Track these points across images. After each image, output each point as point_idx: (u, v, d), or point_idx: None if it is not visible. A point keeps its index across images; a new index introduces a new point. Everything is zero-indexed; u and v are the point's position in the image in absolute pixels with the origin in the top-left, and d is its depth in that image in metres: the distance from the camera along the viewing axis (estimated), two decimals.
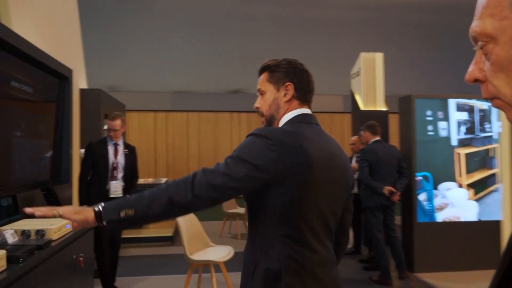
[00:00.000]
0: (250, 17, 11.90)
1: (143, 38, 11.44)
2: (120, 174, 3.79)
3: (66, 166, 4.13)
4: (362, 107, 5.86)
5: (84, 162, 3.84)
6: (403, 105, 4.78)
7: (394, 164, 4.21)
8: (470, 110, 4.75)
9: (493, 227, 4.40)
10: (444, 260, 4.68)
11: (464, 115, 4.73)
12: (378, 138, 4.28)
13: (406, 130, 4.71)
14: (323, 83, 12.56)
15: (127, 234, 5.70)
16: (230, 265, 3.76)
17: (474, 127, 4.77)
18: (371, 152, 4.17)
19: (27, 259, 1.91)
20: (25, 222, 2.55)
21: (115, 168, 3.76)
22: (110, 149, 3.79)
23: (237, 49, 11.59)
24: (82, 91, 5.60)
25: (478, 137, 4.75)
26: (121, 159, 3.81)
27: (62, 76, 4.26)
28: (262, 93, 1.40)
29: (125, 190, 3.82)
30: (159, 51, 11.40)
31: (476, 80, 0.55)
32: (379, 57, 5.87)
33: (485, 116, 4.76)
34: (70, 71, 4.44)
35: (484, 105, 4.73)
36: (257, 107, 1.40)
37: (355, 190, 5.29)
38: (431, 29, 12.50)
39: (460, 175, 4.72)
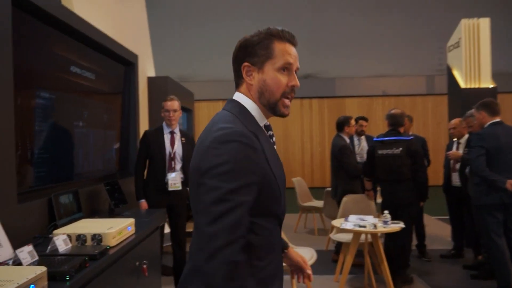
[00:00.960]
0: None
1: (212, 26, 11.22)
2: (178, 165, 3.41)
3: (133, 157, 3.88)
4: (462, 84, 4.94)
5: (139, 153, 3.48)
6: None
7: None
8: None
9: None
10: None
11: None
12: (497, 119, 3.43)
13: None
14: (403, 63, 11.43)
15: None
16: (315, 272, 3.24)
17: None
18: (490, 137, 3.33)
19: (76, 275, 1.54)
20: (85, 224, 2.25)
21: (172, 158, 3.39)
22: (167, 138, 3.42)
23: (307, 30, 10.89)
24: (150, 79, 5.40)
25: None
26: (178, 148, 3.43)
27: (127, 62, 4.01)
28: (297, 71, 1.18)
29: (185, 182, 3.44)
30: (228, 38, 11.10)
31: None
32: (484, 23, 4.88)
33: None
34: (135, 56, 4.18)
35: None
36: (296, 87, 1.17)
37: (457, 182, 4.47)
38: None
39: None
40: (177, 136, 3.47)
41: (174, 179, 3.33)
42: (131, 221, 2.25)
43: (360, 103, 11.58)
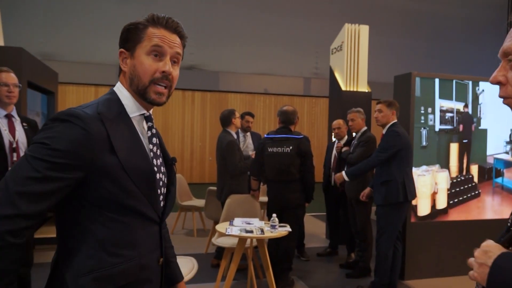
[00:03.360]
0: None
1: (85, 5, 9.91)
2: None
3: None
4: (343, 87, 5.10)
5: None
6: (400, 86, 4.06)
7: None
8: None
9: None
10: (438, 265, 4.11)
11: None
12: (396, 120, 3.53)
13: (403, 115, 3.98)
14: (284, 64, 11.79)
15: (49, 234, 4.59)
16: (193, 281, 2.88)
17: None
18: (405, 137, 3.41)
19: None
20: None
21: (15, 149, 2.60)
22: (3, 124, 2.61)
23: (191, 21, 10.40)
24: None
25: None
26: (21, 135, 2.65)
27: None
28: (177, 60, 1.14)
29: None
30: (102, 19, 9.90)
31: (498, 83, 0.83)
32: (364, 29, 5.11)
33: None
34: None
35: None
36: (170, 75, 1.10)
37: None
38: (410, 15, 12.10)
39: None
40: (17, 121, 2.69)
41: None
42: None
43: (243, 99, 11.57)
